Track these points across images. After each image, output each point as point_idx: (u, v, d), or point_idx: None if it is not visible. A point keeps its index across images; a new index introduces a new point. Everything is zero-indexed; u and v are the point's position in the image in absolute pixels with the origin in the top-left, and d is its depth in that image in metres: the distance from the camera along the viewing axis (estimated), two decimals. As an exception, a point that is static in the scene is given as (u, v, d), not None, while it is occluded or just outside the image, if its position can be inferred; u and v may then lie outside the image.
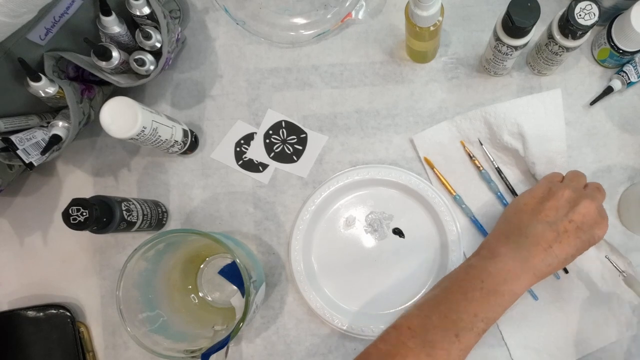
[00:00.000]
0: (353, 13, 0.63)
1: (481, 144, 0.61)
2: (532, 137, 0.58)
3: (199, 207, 0.63)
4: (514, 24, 0.50)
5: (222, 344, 0.49)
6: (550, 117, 0.60)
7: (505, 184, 0.61)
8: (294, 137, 0.64)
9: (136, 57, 0.56)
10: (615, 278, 0.59)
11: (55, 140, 0.54)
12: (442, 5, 0.51)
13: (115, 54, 0.55)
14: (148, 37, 0.56)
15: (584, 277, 0.59)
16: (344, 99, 0.64)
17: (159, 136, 0.55)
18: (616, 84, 0.60)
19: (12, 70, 0.52)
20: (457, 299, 0.47)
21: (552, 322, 0.59)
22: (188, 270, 0.61)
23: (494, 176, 0.61)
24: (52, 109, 0.59)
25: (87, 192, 0.63)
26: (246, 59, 0.65)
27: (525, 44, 0.54)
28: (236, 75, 0.65)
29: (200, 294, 0.61)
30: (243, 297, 0.50)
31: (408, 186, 0.60)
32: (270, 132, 0.64)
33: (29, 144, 0.53)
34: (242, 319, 0.49)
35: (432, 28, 0.53)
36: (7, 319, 0.61)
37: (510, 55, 0.55)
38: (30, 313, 0.61)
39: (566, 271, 0.60)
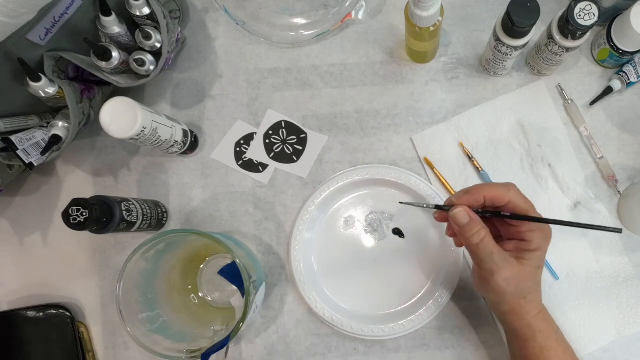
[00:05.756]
0: (353, 13, 0.63)
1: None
2: (530, 124, 0.61)
3: (199, 207, 0.63)
4: (514, 24, 0.50)
5: (222, 344, 0.49)
6: (541, 104, 0.62)
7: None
8: (294, 137, 0.64)
9: (136, 57, 0.56)
10: (613, 277, 0.59)
11: (55, 140, 0.54)
12: (442, 5, 0.51)
13: (115, 54, 0.55)
14: (148, 37, 0.56)
15: (582, 277, 0.60)
16: (344, 99, 0.64)
17: (159, 136, 0.55)
18: (616, 84, 0.60)
19: (12, 70, 0.52)
20: None
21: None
22: (188, 270, 0.61)
23: (493, 177, 0.61)
24: (52, 109, 0.59)
25: (87, 192, 0.63)
26: (246, 59, 0.65)
27: (525, 44, 0.54)
28: (236, 75, 0.65)
29: (200, 294, 0.61)
30: (243, 297, 0.50)
31: (408, 186, 0.60)
32: (270, 132, 0.64)
33: (29, 144, 0.53)
34: (242, 319, 0.49)
35: (432, 28, 0.53)
36: (7, 319, 0.61)
37: (510, 55, 0.55)
38: (30, 313, 0.61)
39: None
